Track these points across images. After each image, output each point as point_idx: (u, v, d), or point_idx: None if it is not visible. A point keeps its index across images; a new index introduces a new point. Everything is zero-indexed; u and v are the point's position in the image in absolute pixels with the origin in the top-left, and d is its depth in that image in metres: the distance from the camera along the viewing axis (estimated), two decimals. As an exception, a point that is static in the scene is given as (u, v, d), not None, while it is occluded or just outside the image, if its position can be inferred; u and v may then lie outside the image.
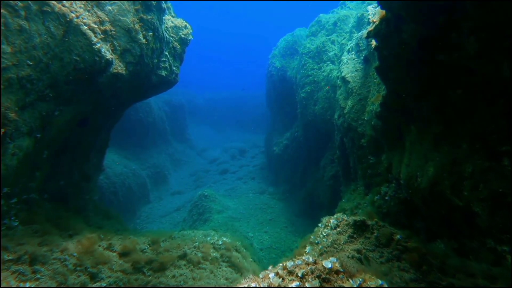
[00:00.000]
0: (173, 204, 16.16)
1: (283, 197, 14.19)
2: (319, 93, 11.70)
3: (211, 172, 20.33)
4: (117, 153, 15.89)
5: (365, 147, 7.03)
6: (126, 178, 14.82)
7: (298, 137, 13.35)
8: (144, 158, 17.42)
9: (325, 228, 4.44)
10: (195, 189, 18.10)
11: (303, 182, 13.52)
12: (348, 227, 4.21)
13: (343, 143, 8.39)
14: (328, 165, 10.96)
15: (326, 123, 11.28)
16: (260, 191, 15.29)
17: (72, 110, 5.05)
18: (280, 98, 16.23)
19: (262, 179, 17.27)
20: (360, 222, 4.20)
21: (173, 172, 20.06)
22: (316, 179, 12.14)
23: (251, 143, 25.95)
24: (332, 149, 11.08)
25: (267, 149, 18.61)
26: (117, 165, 14.82)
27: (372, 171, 6.79)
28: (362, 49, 7.90)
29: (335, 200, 10.29)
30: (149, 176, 17.18)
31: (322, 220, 4.71)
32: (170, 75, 7.69)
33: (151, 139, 18.75)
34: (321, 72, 11.88)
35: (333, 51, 11.72)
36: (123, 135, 16.56)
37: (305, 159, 13.24)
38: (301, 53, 13.09)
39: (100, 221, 5.59)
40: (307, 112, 12.18)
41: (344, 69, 8.06)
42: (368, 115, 6.82)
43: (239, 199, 14.72)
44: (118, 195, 13.77)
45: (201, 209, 12.74)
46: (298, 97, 12.86)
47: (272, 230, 11.53)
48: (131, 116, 16.85)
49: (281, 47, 16.24)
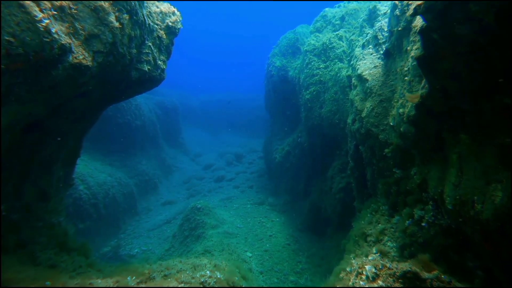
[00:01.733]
0: (163, 215, 14.76)
1: (284, 209, 12.90)
2: (326, 95, 10.49)
3: (206, 179, 18.97)
4: (100, 159, 14.48)
5: (389, 158, 5.80)
6: (110, 187, 13.40)
7: (302, 143, 12.11)
8: (131, 165, 16.02)
9: (357, 277, 3.18)
10: (188, 198, 16.74)
11: (306, 192, 12.26)
12: (394, 280, 2.96)
13: (358, 152, 7.16)
14: (337, 176, 9.71)
15: (334, 128, 10.07)
16: (259, 201, 13.98)
17: (11, 112, 3.73)
18: (280, 100, 15.01)
19: (260, 188, 15.97)
20: (411, 275, 2.95)
21: (164, 180, 18.65)
22: (322, 190, 10.89)
23: (248, 148, 24.66)
24: (341, 157, 9.85)
25: (266, 155, 17.34)
26: (100, 173, 13.40)
27: (399, 187, 5.55)
28: (381, 42, 6.70)
29: (345, 216, 9.05)
30: (137, 185, 15.77)
31: (351, 264, 3.44)
32: (154, 70, 6.40)
33: (140, 144, 17.36)
34: (328, 71, 10.69)
35: (341, 48, 10.55)
36: (108, 140, 15.18)
37: (309, 168, 11.99)
38: (305, 51, 11.90)
39: (54, 256, 4.26)
40: (312, 115, 10.96)
41: (361, 65, 6.85)
42: (393, 119, 5.60)
43: (236, 211, 13.39)
44: (99, 207, 12.35)
45: (193, 224, 11.39)
46: (302, 99, 11.65)
47: (273, 248, 10.22)
48: (117, 119, 15.47)
49: (282, 45, 15.05)
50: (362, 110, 6.51)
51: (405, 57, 5.31)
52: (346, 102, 9.59)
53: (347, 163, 9.52)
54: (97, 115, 6.93)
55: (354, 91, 6.99)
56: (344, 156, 9.72)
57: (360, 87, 6.74)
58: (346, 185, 9.20)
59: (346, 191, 9.16)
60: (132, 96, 7.32)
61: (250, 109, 31.21)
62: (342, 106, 9.75)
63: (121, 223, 13.78)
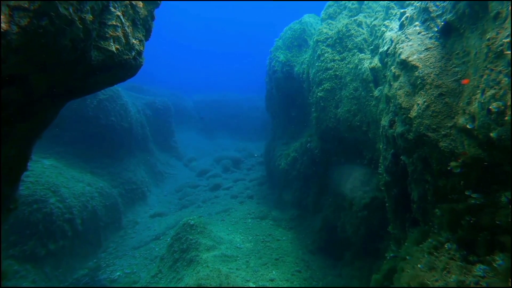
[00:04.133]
0: (151, 230, 12.91)
1: (291, 225, 11.14)
2: (343, 92, 8.80)
3: (200, 187, 17.15)
4: (79, 167, 12.61)
5: (458, 175, 4.10)
6: (89, 199, 11.54)
7: (312, 149, 10.38)
8: (116, 172, 14.16)
9: None
10: (181, 209, 14.92)
11: (317, 206, 10.53)
12: None
13: (399, 164, 5.46)
14: (359, 189, 8.00)
15: (353, 132, 8.37)
16: (261, 215, 12.21)
17: None
18: (285, 100, 13.30)
19: (262, 199, 14.21)
20: None
21: (154, 188, 16.80)
22: (337, 205, 9.18)
23: (246, 152, 22.91)
24: (363, 167, 8.14)
25: (268, 160, 15.61)
26: (78, 183, 11.54)
27: (478, 219, 3.85)
28: (435, 16, 5.00)
29: (370, 240, 7.33)
30: (123, 195, 13.91)
31: None
32: (126, 52, 4.63)
33: (127, 148, 15.50)
34: (345, 63, 9.01)
35: (361, 35, 8.88)
36: (89, 144, 13.33)
37: (321, 178, 10.28)
38: (315, 42, 10.21)
39: None
40: (325, 116, 9.26)
41: (404, 49, 5.14)
42: (470, 120, 3.90)
43: (235, 227, 11.60)
44: (75, 223, 10.49)
45: (185, 244, 9.57)
46: (313, 97, 9.95)
47: (280, 276, 8.45)
48: (99, 120, 13.63)
49: (286, 37, 13.36)
50: (410, 108, 4.80)
51: (493, 27, 3.62)
52: (369, 100, 7.90)
53: (371, 175, 7.83)
54: (51, 113, 5.12)
55: (396, 82, 5.27)
56: (367, 166, 8.02)
57: (405, 77, 5.03)
58: (371, 201, 7.48)
59: (371, 209, 7.45)
60: (99, 89, 5.50)
61: (248, 110, 29.47)
62: (364, 105, 8.06)
63: (102, 240, 11.91)
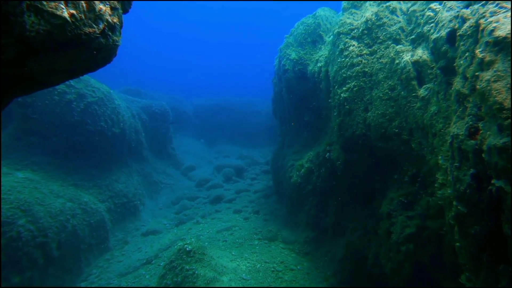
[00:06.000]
0: (142, 252, 11.19)
1: (306, 249, 9.46)
2: (375, 91, 7.22)
3: (200, 200, 15.47)
4: (61, 179, 10.96)
5: None
6: (69, 217, 9.87)
7: (332, 160, 8.76)
8: (105, 184, 12.49)
9: None
10: (177, 226, 13.21)
11: (338, 229, 8.86)
12: None
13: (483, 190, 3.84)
14: (399, 214, 6.36)
15: (390, 140, 6.76)
16: (270, 235, 10.52)
17: None
18: (296, 103, 11.72)
19: (269, 214, 12.53)
20: None
21: (149, 201, 15.11)
22: (366, 230, 7.53)
23: (249, 160, 21.29)
24: (403, 185, 6.52)
25: (275, 170, 13.98)
26: (56, 198, 9.87)
27: None
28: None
29: (420, 283, 5.67)
30: (111, 210, 12.23)
31: None
32: (88, 22, 3.02)
33: (118, 156, 13.87)
34: (376, 58, 7.45)
35: (396, 24, 7.33)
36: (74, 153, 11.71)
37: (344, 194, 8.64)
38: (337, 34, 8.67)
39: None
40: (351, 122, 7.67)
41: (501, 22, 3.56)
42: None
43: (239, 250, 9.91)
44: (50, 248, 8.80)
45: (179, 276, 7.88)
46: (334, 99, 8.37)
47: (299, 321, 6.76)
48: (86, 125, 12.01)
49: (298, 33, 11.83)
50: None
51: None
52: (412, 101, 6.32)
53: (415, 196, 6.20)
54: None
55: (485, 73, 3.62)
56: (409, 184, 6.40)
57: (505, 63, 3.42)
58: (418, 231, 5.83)
59: (420, 242, 5.79)
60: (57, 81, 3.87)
61: (251, 115, 27.90)
62: (404, 108, 6.47)
63: (84, 266, 10.19)
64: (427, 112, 5.93)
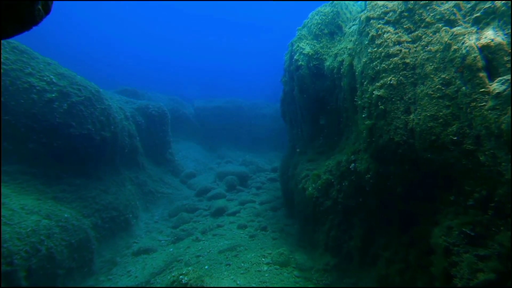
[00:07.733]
0: (131, 277, 9.61)
1: (326, 280, 7.84)
2: (421, 88, 5.67)
3: (200, 212, 13.89)
4: (38, 191, 9.43)
5: None
6: (44, 238, 8.32)
7: (359, 172, 7.18)
8: (91, 195, 10.95)
9: None
10: (174, 243, 11.63)
11: (366, 256, 7.27)
12: None
13: None
14: (463, 250, 4.76)
15: (444, 150, 5.19)
16: (281, 260, 8.92)
17: None
18: (310, 103, 10.17)
19: (279, 232, 10.93)
20: None
21: (143, 213, 13.56)
22: (409, 264, 5.93)
23: (254, 166, 19.73)
24: (469, 210, 4.93)
25: (285, 180, 12.41)
26: (29, 215, 8.34)
27: None
28: None
29: None
30: (98, 226, 10.68)
31: None
32: None
33: (108, 163, 12.36)
34: (421, 46, 5.90)
35: (449, 1, 5.78)
36: (55, 160, 10.19)
37: (374, 214, 7.05)
38: (365, 20, 7.13)
39: None
40: (387, 126, 6.11)
41: None
42: None
43: (245, 278, 8.31)
44: (16, 277, 7.25)
45: (172, 318, 6.30)
46: (363, 98, 6.81)
47: None
48: (69, 128, 10.50)
49: (313, 23, 10.30)
50: None
51: None
52: (479, 100, 4.75)
53: (487, 227, 4.61)
54: None
55: None
56: (477, 210, 4.81)
57: None
58: (498, 279, 4.23)
59: None
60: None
61: (255, 118, 26.36)
62: (468, 108, 4.90)
63: (62, 295, 8.63)
64: (505, 113, 4.37)
